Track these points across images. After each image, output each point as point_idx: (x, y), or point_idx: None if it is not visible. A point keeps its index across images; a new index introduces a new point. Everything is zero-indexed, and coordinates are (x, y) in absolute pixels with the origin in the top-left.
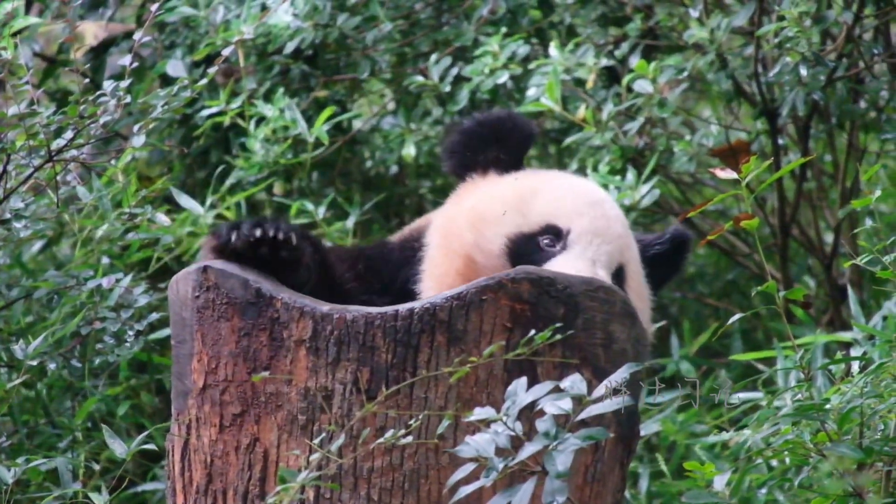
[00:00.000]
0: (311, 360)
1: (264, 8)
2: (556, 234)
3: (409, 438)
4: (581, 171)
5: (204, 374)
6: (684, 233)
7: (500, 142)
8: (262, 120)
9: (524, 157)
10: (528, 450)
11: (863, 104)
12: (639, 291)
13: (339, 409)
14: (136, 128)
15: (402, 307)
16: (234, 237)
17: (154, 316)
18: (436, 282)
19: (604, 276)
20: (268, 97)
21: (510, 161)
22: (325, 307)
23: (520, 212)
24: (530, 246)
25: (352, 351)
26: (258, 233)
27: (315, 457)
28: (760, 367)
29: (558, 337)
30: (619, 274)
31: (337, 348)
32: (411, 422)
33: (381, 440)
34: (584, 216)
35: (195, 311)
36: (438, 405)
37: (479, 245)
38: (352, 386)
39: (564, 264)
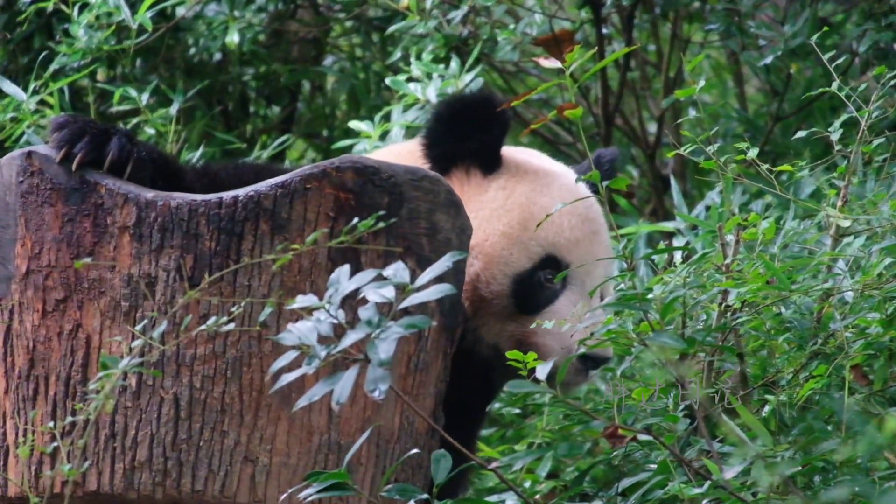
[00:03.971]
0: (134, 246)
1: None
2: (555, 268)
3: (232, 326)
4: (405, 59)
5: (27, 259)
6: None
7: (481, 129)
8: (85, 6)
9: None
10: (351, 338)
11: None
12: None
13: (163, 297)
14: None
15: (227, 195)
16: (81, 151)
17: None
18: None
19: (596, 303)
20: None
21: (491, 153)
22: (149, 194)
23: (521, 243)
24: (532, 281)
25: (175, 238)
26: (110, 156)
27: (137, 343)
28: None
29: (381, 225)
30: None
31: (161, 235)
32: (233, 309)
33: (204, 327)
34: (579, 244)
35: (19, 196)
36: (262, 293)
37: (487, 282)
38: (175, 273)
39: (566, 309)
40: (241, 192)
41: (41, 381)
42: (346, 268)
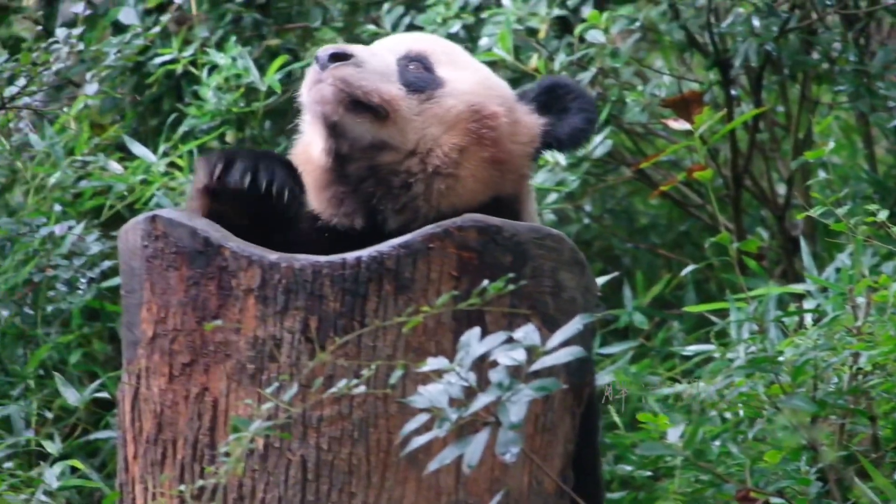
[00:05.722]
0: (259, 308)
1: None
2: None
3: (363, 388)
4: None
5: (153, 323)
6: (556, 77)
7: None
8: (214, 68)
9: None
10: (482, 400)
11: (815, 55)
12: (475, 76)
13: (288, 358)
14: (88, 75)
15: (350, 255)
16: (223, 180)
17: (106, 264)
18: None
19: (386, 57)
20: (220, 45)
21: None
22: (273, 256)
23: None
24: None
25: (300, 299)
26: (247, 181)
27: (267, 406)
28: (713, 318)
29: (511, 287)
30: (418, 59)
31: (285, 297)
32: (363, 371)
33: (334, 389)
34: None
35: (144, 261)
36: (387, 354)
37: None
38: (300, 335)
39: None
40: (364, 252)
41: (169, 445)
42: (477, 330)
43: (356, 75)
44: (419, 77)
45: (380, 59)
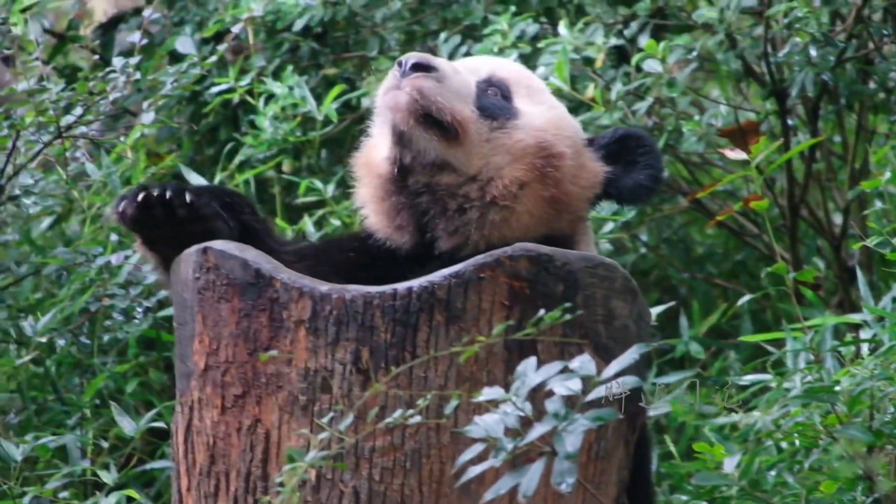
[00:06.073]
0: (310, 340)
1: None
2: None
3: (418, 419)
4: None
5: (205, 355)
6: (631, 130)
7: None
8: (271, 97)
9: None
10: (538, 430)
11: (872, 85)
12: (549, 114)
13: (340, 389)
14: (145, 104)
15: (401, 286)
16: (123, 205)
17: (163, 293)
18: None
19: (468, 77)
20: (277, 75)
21: None
22: (324, 287)
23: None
24: None
25: (351, 331)
26: (140, 197)
27: (322, 436)
28: (770, 348)
29: (567, 317)
30: (498, 86)
31: (336, 328)
32: (418, 402)
33: (388, 420)
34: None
35: (196, 293)
36: (438, 384)
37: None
38: (351, 366)
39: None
40: (415, 283)
41: (222, 477)
42: (533, 360)
43: (434, 89)
44: (495, 104)
45: (461, 78)
